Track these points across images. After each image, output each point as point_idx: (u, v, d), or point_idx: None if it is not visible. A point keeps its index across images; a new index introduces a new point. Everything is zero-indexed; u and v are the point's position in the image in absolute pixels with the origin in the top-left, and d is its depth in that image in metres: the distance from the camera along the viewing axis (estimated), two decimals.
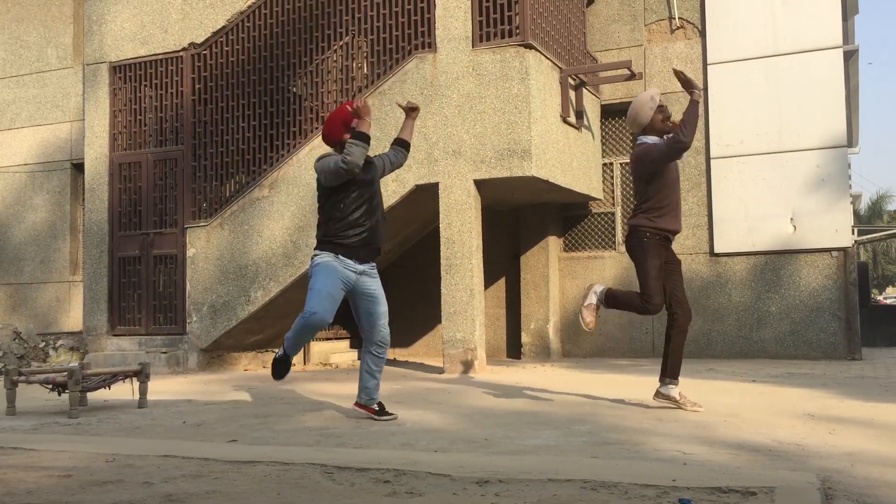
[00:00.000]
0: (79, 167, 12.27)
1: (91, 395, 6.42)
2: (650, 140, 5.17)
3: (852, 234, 10.02)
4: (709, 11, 10.43)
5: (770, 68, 10.10)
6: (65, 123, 12.70)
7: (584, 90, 9.90)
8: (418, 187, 8.87)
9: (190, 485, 3.18)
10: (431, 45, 8.89)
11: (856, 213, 21.31)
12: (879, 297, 36.38)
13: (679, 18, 10.62)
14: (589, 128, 10.28)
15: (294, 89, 9.72)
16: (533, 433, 4.47)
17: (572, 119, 9.58)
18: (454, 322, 8.64)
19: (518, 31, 8.57)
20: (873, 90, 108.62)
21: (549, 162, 8.81)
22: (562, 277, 11.04)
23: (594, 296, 5.22)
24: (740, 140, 10.15)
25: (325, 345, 11.01)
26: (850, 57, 10.51)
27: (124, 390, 6.63)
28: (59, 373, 5.92)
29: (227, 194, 10.00)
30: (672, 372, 5.25)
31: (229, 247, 9.59)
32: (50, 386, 5.87)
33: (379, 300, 5.10)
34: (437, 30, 8.84)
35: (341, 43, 9.50)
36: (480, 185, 8.77)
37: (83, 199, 11.90)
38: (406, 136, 5.41)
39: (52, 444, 4.31)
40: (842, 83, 9.86)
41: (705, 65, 10.41)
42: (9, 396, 5.87)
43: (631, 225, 5.20)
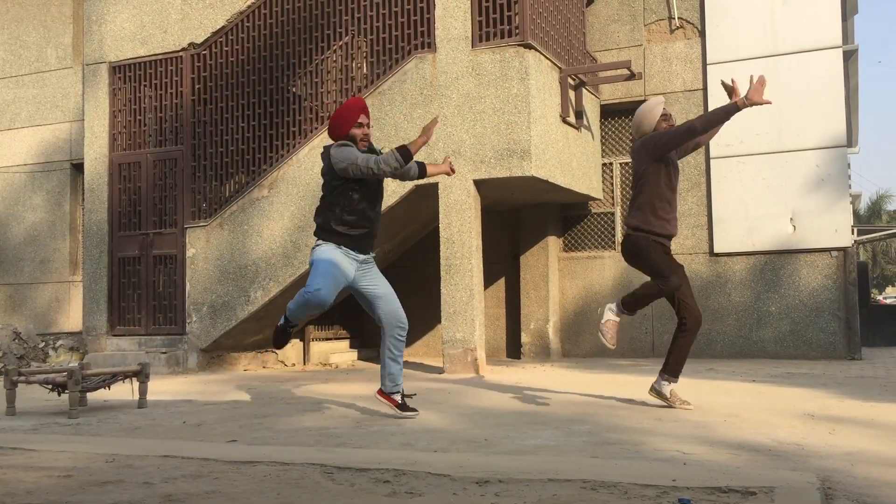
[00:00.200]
0: (78, 167, 12.27)
1: (91, 396, 6.42)
2: None
3: (852, 233, 10.02)
4: (708, 11, 10.43)
5: (770, 68, 10.09)
6: (64, 123, 12.70)
7: (584, 90, 9.91)
8: (418, 187, 8.86)
9: (190, 485, 3.18)
10: (431, 45, 8.89)
11: (855, 213, 21.31)
12: (879, 297, 36.36)
13: (679, 18, 10.62)
14: (588, 128, 10.28)
15: (294, 89, 9.72)
16: (533, 433, 4.47)
17: (572, 119, 9.58)
18: (454, 322, 8.64)
19: (518, 31, 8.57)
20: (873, 90, 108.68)
21: (548, 162, 8.81)
22: (561, 277, 11.04)
23: (609, 312, 5.13)
24: (740, 140, 10.15)
25: (324, 345, 11.01)
26: (849, 57, 10.51)
27: (124, 390, 6.63)
28: (58, 373, 5.91)
29: (227, 194, 10.00)
30: (672, 370, 5.25)
31: (229, 247, 9.59)
32: (50, 386, 5.86)
33: (385, 285, 5.15)
34: (437, 30, 8.84)
35: (341, 43, 9.50)
36: (480, 185, 8.77)
37: (83, 199, 11.90)
38: (431, 169, 5.19)
39: (52, 444, 4.31)
40: (841, 83, 9.87)
41: (705, 65, 10.42)
42: (8, 396, 5.86)
43: (626, 232, 5.18)
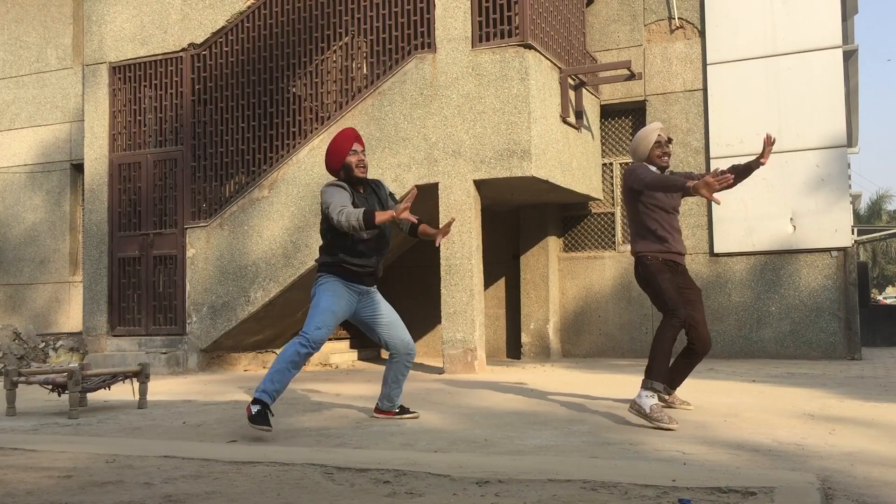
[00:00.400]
0: (78, 168, 12.27)
1: (91, 396, 6.42)
2: (651, 168, 5.14)
3: (852, 233, 10.02)
4: (708, 11, 10.43)
5: (770, 68, 10.10)
6: (64, 124, 12.70)
7: (584, 90, 9.91)
8: (418, 187, 8.84)
9: (190, 485, 3.18)
10: (431, 46, 8.90)
11: (855, 213, 21.32)
12: (879, 297, 36.38)
13: (679, 18, 10.62)
14: (588, 128, 10.28)
15: (294, 90, 9.72)
16: (533, 433, 4.47)
17: (572, 119, 9.58)
18: (454, 322, 8.64)
19: (518, 31, 8.57)
20: (873, 90, 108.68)
21: (548, 162, 8.81)
22: (562, 278, 11.04)
23: (646, 398, 4.65)
24: (740, 140, 10.15)
25: (325, 345, 11.00)
26: (849, 57, 10.51)
27: (124, 391, 6.64)
28: (58, 373, 5.92)
29: (227, 195, 10.00)
30: (671, 383, 5.13)
31: (229, 247, 9.59)
32: (50, 386, 5.87)
33: (392, 313, 5.08)
34: (437, 30, 8.84)
35: (341, 43, 9.50)
36: (480, 185, 8.77)
37: (83, 199, 11.90)
38: (423, 229, 5.00)
39: (52, 444, 4.31)
40: (841, 83, 9.87)
41: (705, 65, 10.42)
42: (9, 397, 5.86)
43: (634, 255, 5.06)
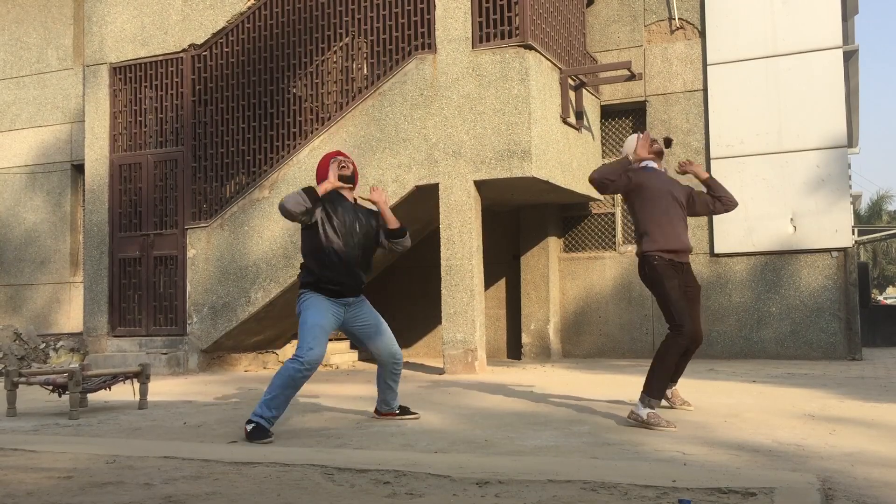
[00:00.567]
0: (79, 168, 12.28)
1: (91, 397, 6.43)
2: (648, 164, 5.13)
3: (852, 234, 10.02)
4: (708, 12, 10.43)
5: (770, 68, 10.10)
6: (65, 125, 12.71)
7: (584, 91, 9.91)
8: (418, 188, 8.87)
9: (190, 486, 3.18)
10: (431, 46, 8.90)
11: (856, 214, 21.31)
12: (879, 298, 36.38)
13: (679, 19, 10.62)
14: (589, 128, 10.28)
15: (294, 90, 9.73)
16: (533, 434, 4.47)
17: (572, 119, 9.58)
18: (454, 323, 8.64)
19: (518, 31, 8.57)
20: (873, 90, 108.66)
21: (549, 162, 8.82)
22: (562, 278, 11.04)
23: (643, 410, 4.63)
24: (740, 140, 10.15)
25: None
26: (849, 57, 10.51)
27: (125, 391, 6.64)
28: (59, 374, 5.92)
29: (228, 195, 10.00)
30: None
31: (229, 248, 9.59)
32: (50, 387, 5.87)
33: (378, 323, 4.93)
34: (437, 31, 8.84)
35: (341, 44, 9.50)
36: (480, 185, 8.77)
37: (83, 200, 11.91)
38: (388, 223, 4.93)
39: (53, 445, 4.31)
40: (842, 83, 9.87)
41: (705, 65, 10.42)
42: (9, 398, 5.87)
43: (640, 254, 4.99)
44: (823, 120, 9.84)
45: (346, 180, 4.88)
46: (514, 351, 11.12)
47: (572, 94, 9.65)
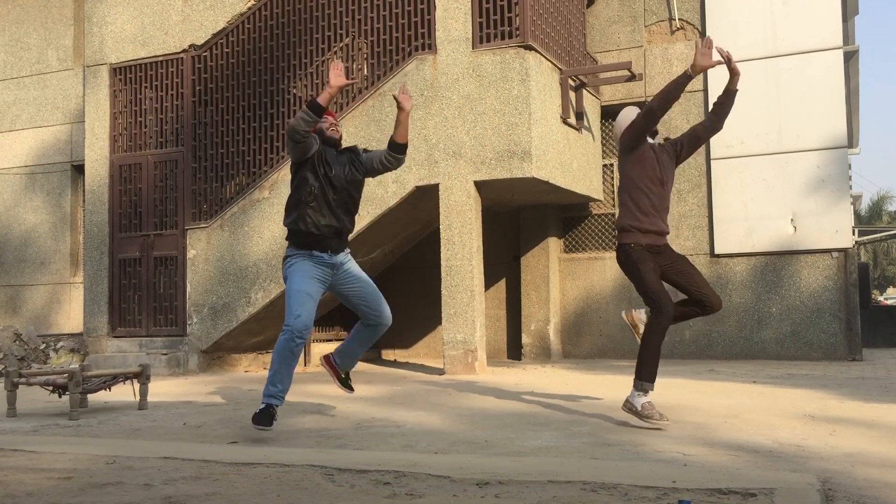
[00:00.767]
0: (79, 169, 12.28)
1: (91, 397, 6.42)
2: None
3: (853, 234, 10.02)
4: (709, 12, 10.43)
5: (770, 69, 10.10)
6: (65, 125, 12.71)
7: (585, 91, 9.91)
8: (419, 188, 8.87)
9: (190, 486, 3.18)
10: (431, 47, 8.90)
11: (856, 214, 21.30)
12: (880, 298, 36.33)
13: (679, 19, 10.62)
14: (589, 129, 10.28)
15: (294, 91, 9.73)
16: (533, 434, 4.47)
17: (572, 120, 9.58)
18: (455, 323, 8.64)
19: (518, 32, 8.57)
20: (874, 91, 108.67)
21: (549, 163, 8.82)
22: (562, 278, 11.04)
23: (637, 397, 4.75)
24: (741, 141, 10.15)
25: (325, 346, 11.01)
26: (850, 57, 10.51)
27: (125, 392, 6.64)
28: (59, 374, 5.92)
29: (228, 196, 10.00)
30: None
31: (230, 248, 9.60)
32: (50, 388, 5.87)
33: (367, 282, 4.88)
34: (437, 31, 8.84)
35: (341, 44, 9.50)
36: (481, 186, 8.77)
37: (83, 200, 11.91)
38: (398, 136, 4.79)
39: (53, 445, 4.31)
40: (842, 84, 9.87)
41: None
42: (9, 398, 5.87)
43: (618, 239, 4.97)
44: (824, 120, 9.84)
45: (334, 143, 4.84)
46: (515, 351, 11.11)
47: (572, 95, 9.65)
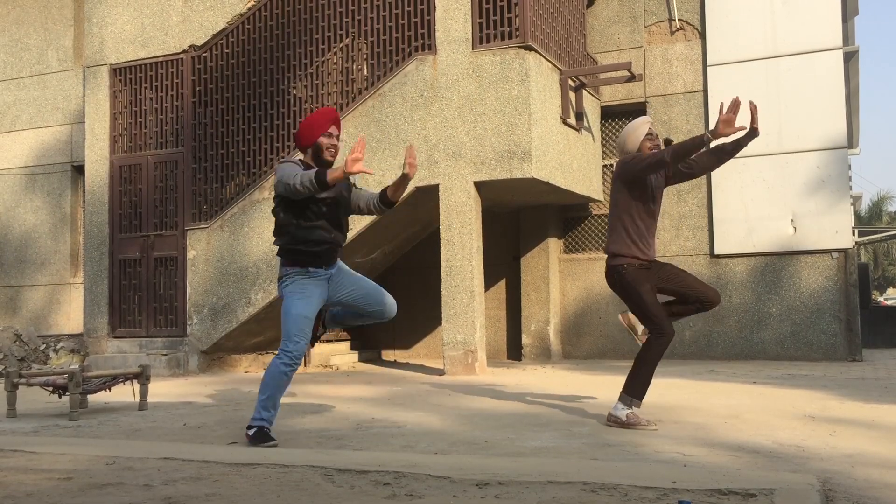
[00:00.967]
0: (79, 169, 12.28)
1: (91, 398, 6.42)
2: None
3: (853, 235, 10.02)
4: (708, 13, 10.43)
5: (770, 69, 10.10)
6: (65, 126, 12.71)
7: (584, 92, 9.91)
8: (419, 189, 8.87)
9: (190, 487, 3.18)
10: (431, 47, 8.90)
11: (856, 215, 21.29)
12: (880, 299, 36.33)
13: (679, 20, 10.62)
14: (589, 129, 10.28)
15: (294, 91, 9.73)
16: (533, 435, 4.47)
17: (572, 121, 9.58)
18: (454, 324, 8.64)
19: (518, 32, 8.57)
20: (874, 91, 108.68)
21: (549, 163, 8.82)
22: (562, 279, 11.04)
23: (620, 410, 4.70)
24: None
25: (325, 347, 11.01)
26: (850, 58, 10.51)
27: (125, 392, 6.64)
28: (59, 375, 5.92)
29: (228, 196, 10.00)
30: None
31: (230, 249, 9.60)
32: (50, 388, 5.87)
33: (362, 281, 4.81)
34: (437, 32, 8.84)
35: (341, 45, 9.51)
36: (480, 186, 8.77)
37: (83, 201, 11.91)
38: (393, 195, 4.81)
39: (53, 446, 4.30)
40: (842, 84, 9.87)
41: (705, 66, 10.42)
42: (9, 399, 5.86)
43: (609, 261, 4.85)
44: (824, 121, 9.84)
45: (328, 165, 4.75)
46: (515, 352, 11.11)
47: (572, 95, 9.65)
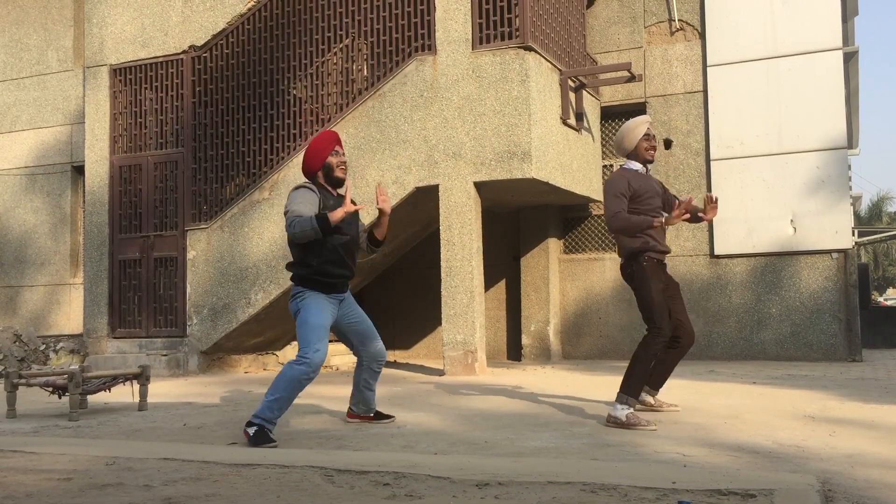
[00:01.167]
0: (79, 170, 12.28)
1: (91, 398, 6.42)
2: (633, 166, 5.09)
3: (852, 235, 10.02)
4: (708, 13, 10.43)
5: (770, 70, 10.10)
6: (65, 126, 12.71)
7: (584, 92, 9.91)
8: (418, 189, 8.87)
9: (190, 488, 3.18)
10: (431, 48, 8.90)
11: (856, 215, 21.30)
12: (880, 299, 36.34)
13: (679, 20, 10.62)
14: (589, 130, 10.28)
15: (294, 92, 9.73)
16: (533, 435, 4.47)
17: (572, 121, 9.58)
18: (454, 324, 8.64)
19: (518, 33, 8.57)
20: (874, 91, 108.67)
21: (549, 164, 8.82)
22: (562, 279, 11.04)
23: (619, 410, 4.68)
24: (740, 142, 10.15)
25: None
26: (849, 58, 10.52)
27: (124, 393, 6.64)
28: (59, 375, 5.92)
29: (228, 197, 10.00)
30: (654, 383, 5.15)
31: (230, 249, 9.59)
32: (50, 389, 5.87)
33: (364, 320, 4.93)
34: (437, 32, 8.84)
35: (341, 45, 9.51)
36: (480, 187, 8.77)
37: (83, 201, 11.91)
38: (378, 234, 4.91)
39: (52, 447, 4.30)
40: (842, 84, 9.87)
41: (705, 66, 10.42)
42: (9, 399, 5.87)
43: (627, 250, 4.92)
44: (823, 121, 9.84)
45: (340, 183, 4.86)
46: (514, 352, 11.11)
47: (572, 96, 9.65)
